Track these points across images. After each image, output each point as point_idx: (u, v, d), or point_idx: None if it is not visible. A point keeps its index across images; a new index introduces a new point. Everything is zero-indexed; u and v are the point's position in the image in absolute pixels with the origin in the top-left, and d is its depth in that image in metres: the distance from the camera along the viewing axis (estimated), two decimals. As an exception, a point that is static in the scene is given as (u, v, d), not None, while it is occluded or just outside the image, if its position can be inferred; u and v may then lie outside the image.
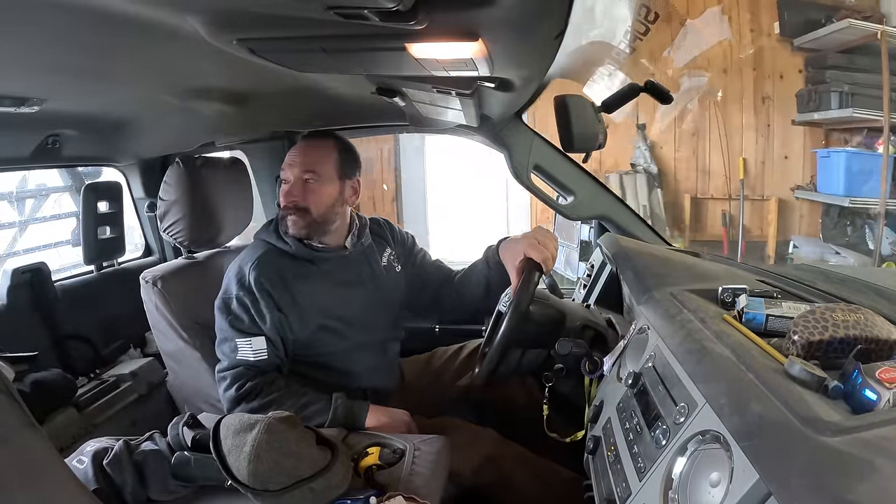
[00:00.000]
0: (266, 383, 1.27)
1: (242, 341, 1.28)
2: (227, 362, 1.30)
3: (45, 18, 0.68)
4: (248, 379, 1.27)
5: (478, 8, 0.62)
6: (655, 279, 1.09)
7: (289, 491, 0.94)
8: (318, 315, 1.34)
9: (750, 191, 4.74)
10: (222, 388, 1.29)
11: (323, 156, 1.37)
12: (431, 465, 1.15)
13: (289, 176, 1.35)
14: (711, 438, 0.65)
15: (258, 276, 1.29)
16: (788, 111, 4.58)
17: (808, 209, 4.73)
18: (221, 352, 1.32)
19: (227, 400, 1.28)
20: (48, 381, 1.47)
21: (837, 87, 4.14)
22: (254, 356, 1.27)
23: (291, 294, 1.31)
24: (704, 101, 4.63)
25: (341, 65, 0.96)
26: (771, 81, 4.61)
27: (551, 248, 1.27)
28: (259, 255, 1.33)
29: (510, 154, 1.74)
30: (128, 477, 1.02)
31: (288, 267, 1.34)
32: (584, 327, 1.24)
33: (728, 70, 4.62)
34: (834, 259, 4.25)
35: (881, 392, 0.58)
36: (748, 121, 4.67)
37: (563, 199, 1.75)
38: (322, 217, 1.35)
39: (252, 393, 1.26)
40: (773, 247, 4.71)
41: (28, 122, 1.29)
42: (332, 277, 1.39)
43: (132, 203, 2.15)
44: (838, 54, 4.28)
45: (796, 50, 4.51)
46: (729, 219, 4.81)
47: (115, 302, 1.94)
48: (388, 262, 1.52)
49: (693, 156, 4.86)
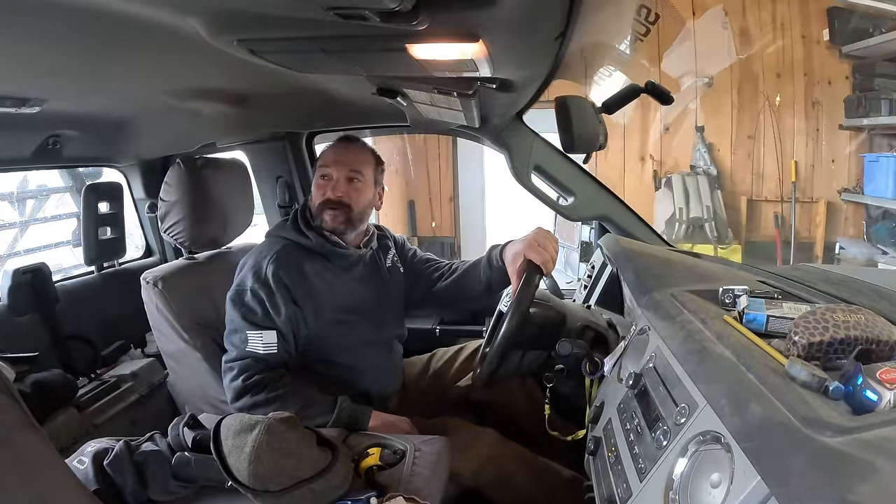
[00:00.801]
0: (273, 379, 1.28)
1: (253, 334, 1.29)
2: (236, 353, 1.30)
3: (46, 19, 0.68)
4: (256, 372, 1.27)
5: (478, 9, 0.62)
6: (656, 280, 1.09)
7: (289, 492, 0.94)
8: (332, 308, 1.37)
9: (800, 193, 4.91)
10: (228, 379, 1.29)
11: (366, 160, 1.44)
12: (432, 466, 1.15)
13: (333, 173, 1.40)
14: (712, 439, 0.65)
15: (276, 269, 1.32)
16: (836, 116, 4.77)
17: (853, 211, 4.92)
18: (230, 342, 1.32)
19: (231, 390, 1.28)
20: (49, 381, 1.47)
21: (887, 94, 4.39)
22: (264, 349, 1.28)
23: (308, 288, 1.34)
24: (761, 105, 4.82)
25: (342, 65, 0.96)
26: (820, 87, 4.80)
27: (551, 250, 1.28)
28: (277, 249, 1.36)
29: (511, 155, 1.74)
30: (128, 477, 1.02)
31: (306, 261, 1.37)
32: (584, 328, 1.24)
33: (781, 74, 4.81)
34: (882, 259, 4.44)
35: (882, 393, 0.58)
36: (799, 125, 4.85)
37: (564, 199, 1.75)
38: (359, 215, 1.42)
39: (258, 386, 1.26)
40: (822, 248, 4.90)
41: (29, 122, 1.29)
42: (346, 274, 1.43)
43: (133, 204, 2.15)
44: (886, 62, 4.51)
45: (844, 57, 4.72)
46: (781, 220, 4.97)
47: (115, 302, 1.94)
48: (392, 263, 1.58)
49: (749, 159, 5.03)
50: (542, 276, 1.24)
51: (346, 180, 1.40)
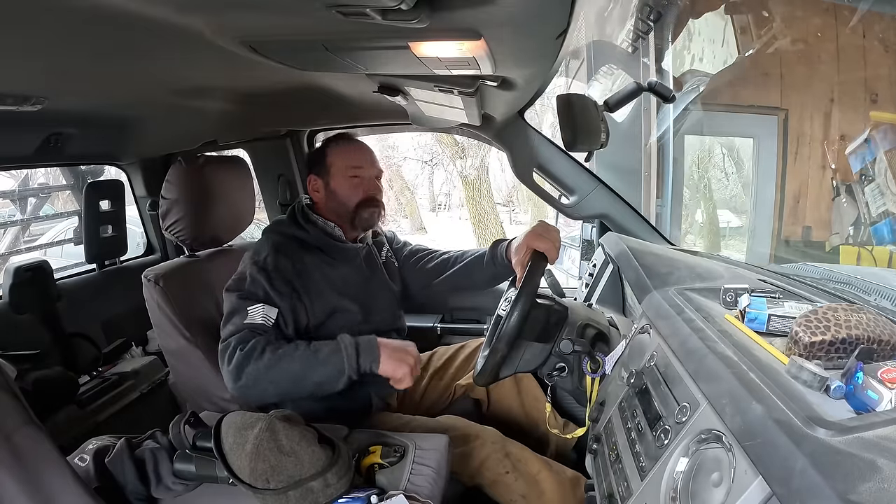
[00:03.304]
0: (271, 340, 1.23)
1: (254, 307, 1.26)
2: (233, 328, 1.25)
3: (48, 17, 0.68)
4: (253, 338, 1.22)
5: (479, 7, 0.62)
6: (657, 278, 1.09)
7: (290, 489, 0.95)
8: (331, 297, 1.39)
9: None
10: (225, 359, 1.22)
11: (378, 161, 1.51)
12: (433, 465, 1.15)
13: (369, 173, 1.45)
14: (713, 438, 0.65)
15: (276, 259, 1.34)
16: None
17: None
18: (226, 326, 1.27)
19: (233, 365, 1.20)
20: (50, 378, 1.48)
21: None
22: (263, 320, 1.26)
23: (306, 278, 1.35)
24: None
25: (343, 63, 0.95)
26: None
27: (553, 238, 1.30)
28: (275, 242, 1.38)
29: (512, 153, 1.74)
30: (129, 475, 1.02)
31: (304, 253, 1.40)
32: (585, 326, 1.24)
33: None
34: None
35: (883, 392, 0.58)
36: None
37: (566, 198, 1.75)
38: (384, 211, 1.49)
39: (256, 349, 1.20)
40: None
41: (30, 120, 1.29)
42: (346, 266, 1.46)
43: (134, 201, 2.15)
44: None
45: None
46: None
47: (117, 300, 1.95)
48: (387, 258, 1.62)
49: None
50: (546, 263, 1.24)
51: (377, 179, 1.47)
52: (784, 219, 5.04)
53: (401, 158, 9.90)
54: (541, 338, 1.22)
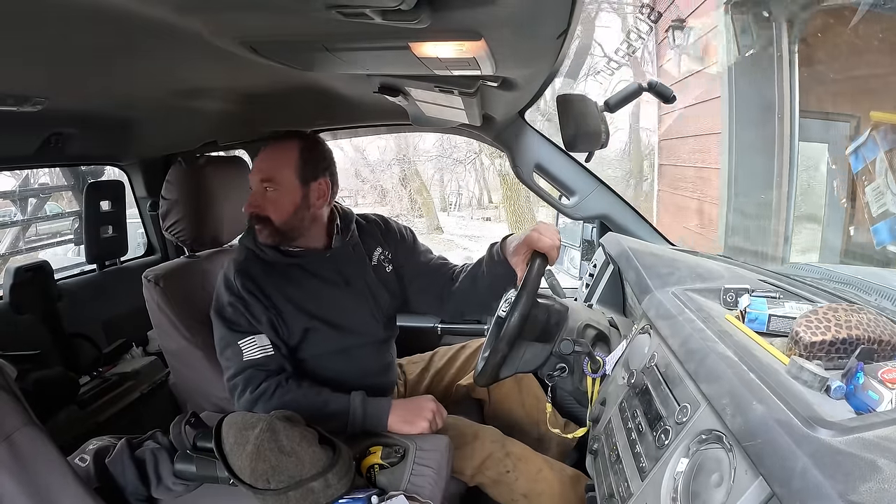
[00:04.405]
0: (279, 382, 1.26)
1: (246, 341, 1.27)
2: (234, 367, 1.27)
3: (47, 17, 0.68)
4: (261, 380, 1.25)
5: (480, 7, 0.62)
6: (658, 279, 1.09)
7: (291, 490, 0.95)
8: (303, 317, 1.32)
9: None
10: (236, 396, 1.26)
11: (281, 162, 1.32)
12: (433, 465, 1.15)
13: (251, 184, 1.33)
14: (714, 438, 0.65)
15: (243, 281, 1.29)
16: None
17: None
18: (225, 359, 1.29)
19: (244, 403, 1.25)
20: (51, 379, 1.48)
21: None
22: (261, 353, 1.26)
23: (275, 298, 1.30)
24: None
25: (343, 63, 0.95)
26: None
27: (553, 238, 1.28)
28: (241, 262, 1.34)
29: (512, 153, 1.74)
30: (129, 475, 1.02)
31: (269, 272, 1.33)
32: (586, 327, 1.24)
33: None
34: None
35: (883, 392, 0.58)
36: None
37: (566, 198, 1.75)
38: (285, 225, 1.31)
39: (266, 393, 1.24)
40: None
41: (31, 120, 1.29)
42: (314, 279, 1.36)
43: (135, 202, 2.16)
44: None
45: None
46: None
47: (117, 300, 1.95)
48: (379, 261, 1.48)
49: None
50: (546, 264, 1.24)
51: (262, 192, 1.31)
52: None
53: (422, 155, 9.73)
54: (541, 338, 1.22)
